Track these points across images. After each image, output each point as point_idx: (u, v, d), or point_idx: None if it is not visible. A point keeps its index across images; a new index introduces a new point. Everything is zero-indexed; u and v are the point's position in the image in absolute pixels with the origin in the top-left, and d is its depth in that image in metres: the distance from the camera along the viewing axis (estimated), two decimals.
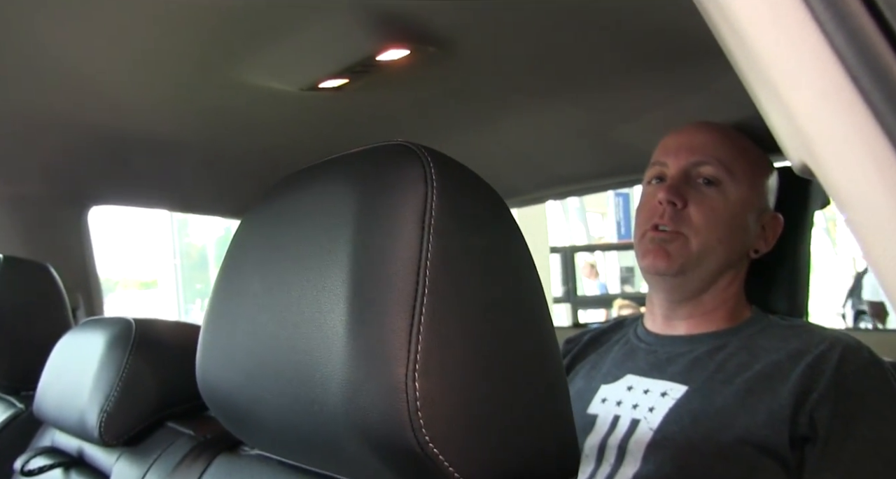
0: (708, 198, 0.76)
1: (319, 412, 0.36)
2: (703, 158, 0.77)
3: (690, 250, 0.75)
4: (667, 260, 0.75)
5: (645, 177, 0.83)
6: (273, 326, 0.40)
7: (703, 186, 0.77)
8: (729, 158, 0.77)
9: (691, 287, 0.78)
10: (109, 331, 0.72)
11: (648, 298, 0.85)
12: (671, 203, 0.75)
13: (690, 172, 0.77)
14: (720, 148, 0.78)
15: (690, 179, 0.77)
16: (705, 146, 0.78)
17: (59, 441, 0.83)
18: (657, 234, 0.76)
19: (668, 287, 0.79)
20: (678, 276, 0.77)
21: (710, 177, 0.76)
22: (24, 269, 1.08)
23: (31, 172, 1.27)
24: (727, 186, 0.76)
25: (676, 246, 0.75)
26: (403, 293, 0.33)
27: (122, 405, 0.68)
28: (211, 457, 0.56)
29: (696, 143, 0.79)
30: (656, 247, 0.76)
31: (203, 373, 0.46)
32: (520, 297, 0.37)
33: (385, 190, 0.36)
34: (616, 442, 0.73)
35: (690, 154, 0.78)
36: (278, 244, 0.42)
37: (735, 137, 0.80)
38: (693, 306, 0.79)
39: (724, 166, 0.76)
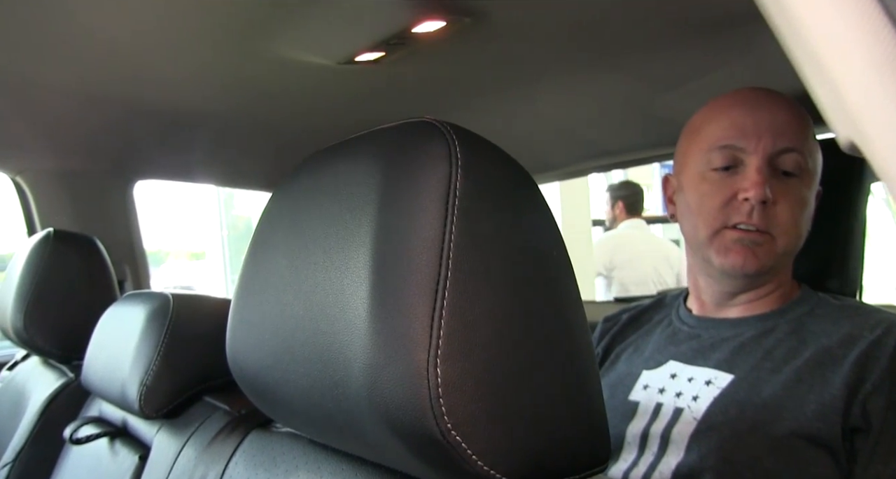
0: (793, 190, 0.69)
1: (343, 395, 0.36)
2: (790, 144, 0.69)
3: (777, 251, 0.70)
4: (756, 262, 0.70)
5: (701, 155, 0.73)
6: (298, 306, 0.39)
7: (784, 176, 0.69)
8: (810, 144, 0.70)
9: (762, 283, 0.74)
10: (149, 306, 0.73)
11: (694, 282, 0.80)
12: (764, 202, 0.68)
13: (774, 161, 0.69)
14: (801, 131, 0.69)
15: (775, 168, 0.69)
16: (790, 129, 0.69)
17: (106, 411, 0.86)
18: (744, 235, 0.70)
19: (741, 285, 0.74)
20: (760, 276, 0.72)
21: (794, 169, 0.69)
22: (72, 242, 1.11)
23: (78, 147, 1.30)
24: (807, 175, 0.70)
25: (765, 248, 0.69)
26: (426, 276, 0.32)
27: (161, 378, 0.69)
28: (245, 432, 0.57)
29: (780, 125, 0.69)
30: (743, 249, 0.70)
31: (233, 352, 0.47)
32: (547, 278, 0.36)
33: (408, 169, 0.35)
34: (659, 431, 0.71)
35: (776, 139, 0.69)
36: (304, 223, 0.41)
37: (804, 113, 0.71)
38: (748, 296, 0.75)
39: (807, 154, 0.69)
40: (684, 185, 0.77)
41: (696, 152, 0.75)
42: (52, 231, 1.09)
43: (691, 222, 0.75)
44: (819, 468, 0.62)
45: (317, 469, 0.47)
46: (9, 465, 0.92)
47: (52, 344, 1.05)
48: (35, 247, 1.06)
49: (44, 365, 1.12)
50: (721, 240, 0.71)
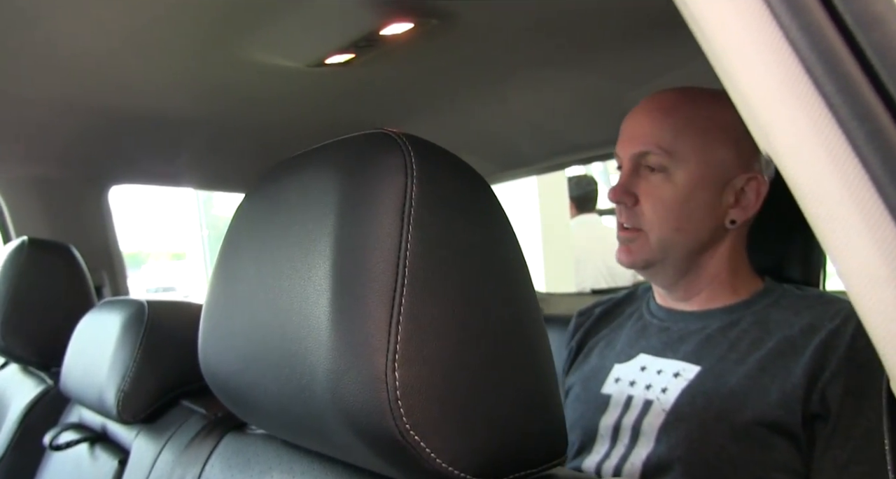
0: (656, 188, 0.73)
1: (309, 399, 0.37)
2: (644, 148, 0.73)
3: (650, 245, 0.75)
4: (629, 257, 0.76)
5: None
6: (266, 313, 0.41)
7: (650, 175, 0.74)
8: (669, 140, 0.73)
9: (669, 274, 0.77)
10: (124, 313, 0.74)
11: None
12: (622, 203, 0.75)
13: (639, 163, 0.75)
14: (660, 130, 0.73)
15: (639, 169, 0.75)
16: (645, 133, 0.74)
17: (85, 417, 0.87)
18: (622, 233, 0.77)
19: (648, 277, 0.80)
20: (648, 269, 0.77)
21: (653, 166, 0.73)
22: (47, 250, 1.11)
23: (53, 155, 1.30)
24: (672, 170, 0.73)
25: (638, 244, 0.75)
26: (383, 285, 0.34)
27: (138, 384, 0.70)
28: (220, 435, 0.59)
29: (638, 131, 0.75)
30: (622, 246, 0.77)
31: (205, 357, 0.48)
32: (501, 281, 0.38)
33: (365, 181, 0.36)
34: (630, 423, 0.73)
35: (633, 144, 0.75)
36: (270, 232, 0.42)
37: (683, 109, 0.74)
38: (684, 289, 0.78)
39: (664, 151, 0.72)
40: None
41: None
42: (27, 240, 1.09)
43: None
44: (781, 455, 0.64)
45: (289, 470, 0.48)
46: None
47: (31, 352, 1.05)
48: (10, 256, 1.06)
49: (23, 372, 1.12)
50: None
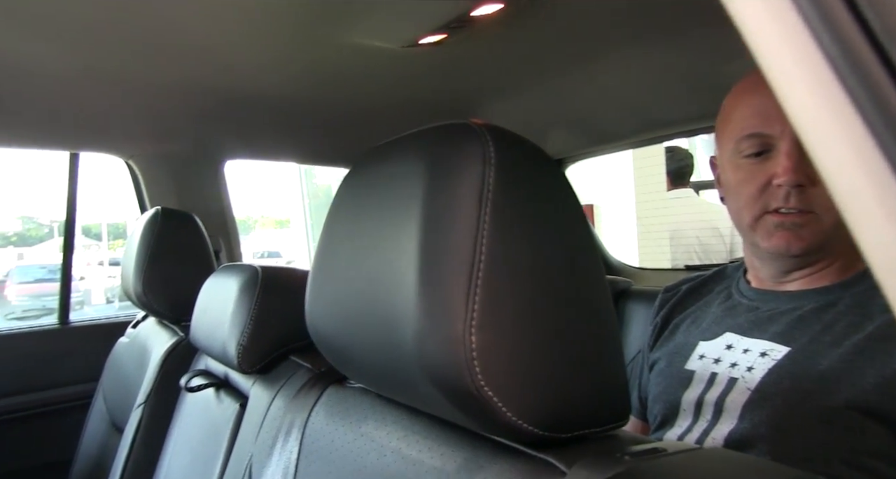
0: None
1: (398, 356, 0.43)
2: None
3: (824, 229, 0.69)
4: (801, 243, 0.70)
5: (733, 144, 0.73)
6: (362, 281, 0.47)
7: None
8: None
9: (820, 258, 0.72)
10: (241, 277, 0.84)
11: (750, 260, 0.80)
12: (799, 185, 0.68)
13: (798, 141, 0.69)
14: None
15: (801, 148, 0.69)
16: None
17: (211, 365, 0.99)
18: (784, 218, 0.70)
19: (793, 264, 0.74)
20: (812, 254, 0.71)
21: None
22: (176, 218, 1.25)
23: (177, 133, 1.44)
24: None
25: (810, 228, 0.69)
26: (463, 260, 0.38)
27: (254, 339, 0.80)
28: (324, 387, 0.66)
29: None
30: (786, 232, 0.70)
31: (310, 318, 0.55)
32: (571, 258, 0.42)
33: (447, 168, 0.41)
34: (713, 398, 0.73)
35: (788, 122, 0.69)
36: (365, 211, 0.48)
37: None
38: (805, 272, 0.74)
39: None
40: (725, 169, 0.77)
41: (727, 140, 0.75)
42: (160, 209, 1.23)
43: (735, 207, 0.76)
44: (874, 440, 0.61)
45: (382, 419, 0.55)
46: (142, 405, 1.08)
47: (165, 307, 1.20)
48: (147, 223, 1.21)
49: (159, 325, 1.27)
50: (764, 225, 0.72)
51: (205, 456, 0.85)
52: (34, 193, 23.27)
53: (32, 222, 18.63)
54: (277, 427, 0.68)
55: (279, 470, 0.63)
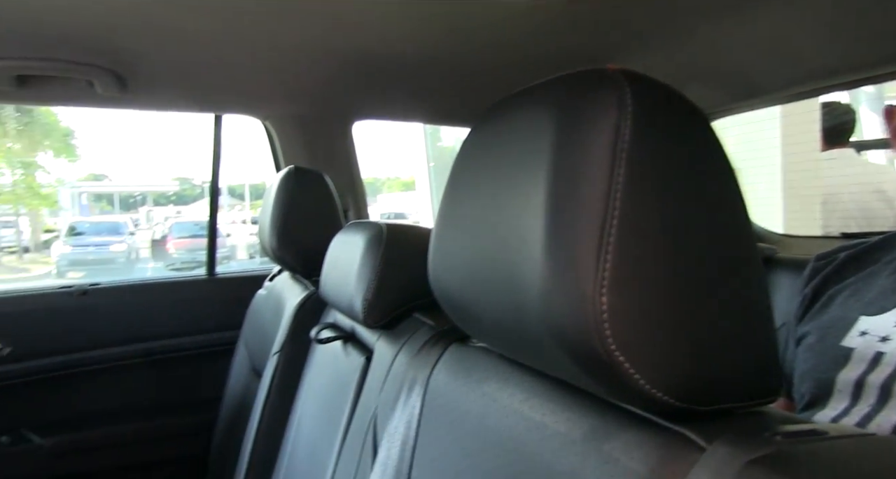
0: None
1: (523, 316, 0.41)
2: None
3: None
4: None
5: None
6: (486, 237, 0.45)
7: None
8: None
9: None
10: (367, 234, 0.85)
11: None
12: None
13: None
14: None
15: None
16: None
17: (339, 319, 1.03)
18: None
19: None
20: None
21: None
22: (308, 177, 1.30)
23: (309, 95, 1.49)
24: None
25: None
26: (594, 215, 0.36)
27: (379, 295, 0.81)
28: (446, 345, 0.66)
29: None
30: None
31: (434, 275, 0.54)
32: (717, 217, 0.37)
33: (578, 118, 0.38)
34: (879, 381, 0.66)
35: None
36: (491, 163, 0.46)
37: None
38: None
39: None
40: None
41: None
42: (293, 168, 1.29)
43: None
44: None
45: (504, 380, 0.54)
46: (277, 353, 1.16)
47: (297, 262, 1.26)
48: (281, 182, 1.27)
49: (292, 279, 1.35)
50: None
51: (333, 404, 0.89)
52: (189, 157, 25.50)
53: (188, 183, 20.50)
54: (401, 382, 0.69)
55: (402, 423, 0.64)
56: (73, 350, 1.59)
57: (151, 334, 1.68)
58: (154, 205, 19.00)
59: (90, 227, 12.53)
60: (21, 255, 13.09)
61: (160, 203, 19.36)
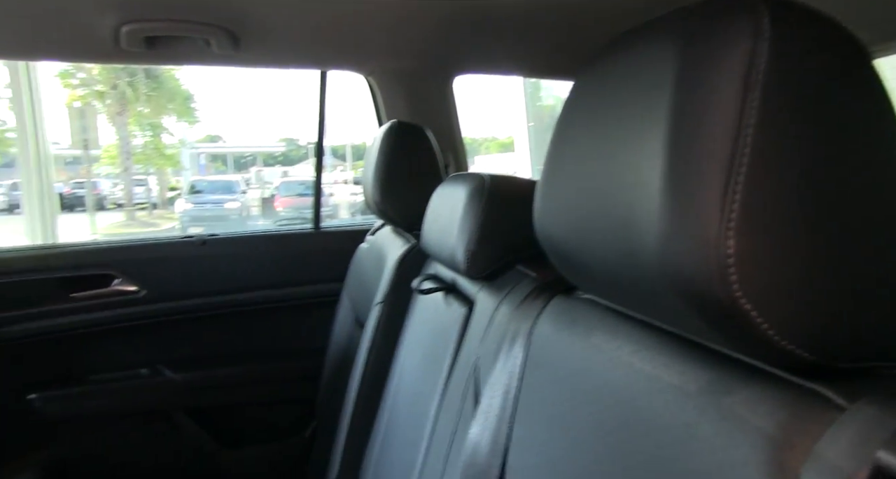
0: None
1: (636, 264, 0.39)
2: None
3: None
4: None
5: None
6: (597, 181, 0.43)
7: None
8: None
9: None
10: (469, 185, 0.85)
11: None
12: None
13: None
14: None
15: None
16: None
17: (440, 270, 1.04)
18: None
19: None
20: None
21: None
22: (410, 132, 1.31)
23: (410, 48, 1.48)
24: None
25: None
26: (721, 152, 0.33)
27: (481, 246, 0.81)
28: (549, 297, 0.65)
29: None
30: None
31: (540, 223, 0.53)
32: (867, 167, 0.33)
33: (705, 48, 0.34)
34: None
35: None
36: (604, 104, 0.44)
37: None
38: None
39: None
40: None
41: None
42: (396, 122, 1.30)
43: None
44: None
45: (612, 332, 0.52)
46: (380, 304, 1.20)
47: (398, 215, 1.28)
48: (384, 136, 1.28)
49: (394, 232, 1.37)
50: None
51: (434, 355, 0.90)
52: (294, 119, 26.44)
53: (293, 144, 21.38)
54: (503, 333, 0.69)
55: (504, 375, 0.64)
56: (195, 295, 1.72)
57: (263, 283, 1.78)
58: (263, 165, 20.04)
59: (208, 185, 13.45)
60: (150, 210, 14.29)
61: (269, 163, 20.39)
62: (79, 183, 13.26)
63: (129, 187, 13.47)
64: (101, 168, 14.06)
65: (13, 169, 7.53)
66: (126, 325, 1.65)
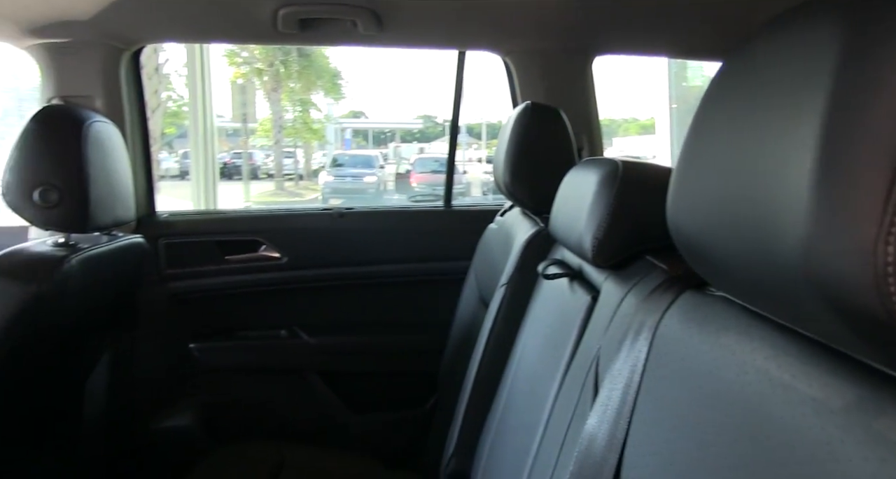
0: None
1: (775, 264, 0.36)
2: None
3: None
4: None
5: None
6: (737, 174, 0.40)
7: None
8: None
9: None
10: (601, 170, 0.82)
11: None
12: None
13: None
14: None
15: None
16: None
17: (566, 256, 1.02)
18: None
19: None
20: None
21: None
22: (544, 114, 1.29)
23: (550, 28, 1.46)
24: None
25: None
26: (885, 152, 0.29)
27: (610, 234, 0.79)
28: (680, 291, 0.62)
29: None
30: None
31: (672, 215, 0.51)
32: None
33: (878, 29, 0.31)
34: None
35: None
36: (751, 92, 0.41)
37: None
38: None
39: None
40: None
41: None
42: (530, 104, 1.29)
43: None
44: None
45: (746, 333, 0.49)
46: (505, 285, 1.21)
47: (528, 198, 1.28)
48: (517, 117, 1.27)
49: (522, 215, 1.37)
50: None
51: (556, 340, 0.90)
52: (432, 97, 26.97)
53: (431, 121, 21.87)
54: (627, 325, 0.67)
55: (626, 367, 0.63)
56: (331, 265, 1.83)
57: (394, 257, 1.85)
58: (401, 141, 20.71)
59: (349, 159, 14.17)
60: (297, 181, 15.33)
61: (406, 140, 21.03)
62: (237, 154, 14.52)
63: (280, 159, 14.53)
64: (256, 140, 15.27)
65: (186, 140, 8.44)
66: (269, 288, 1.80)
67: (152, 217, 1.74)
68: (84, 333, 1.30)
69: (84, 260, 1.11)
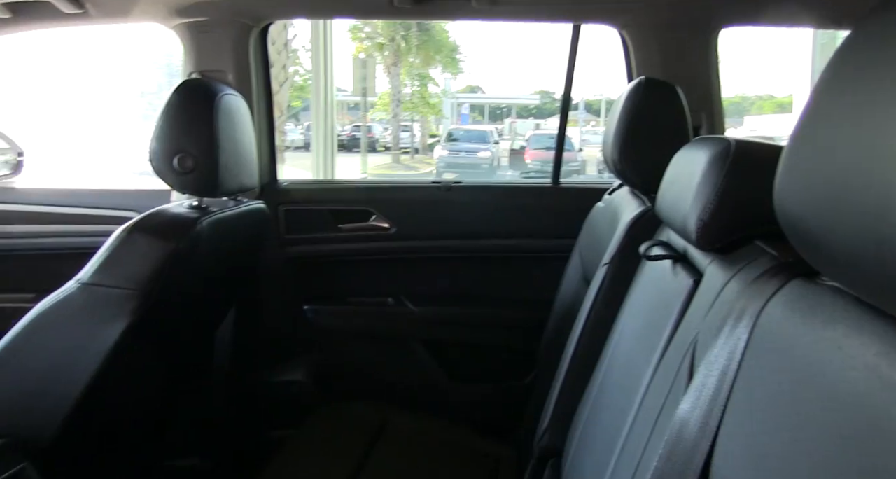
0: None
1: (892, 252, 0.34)
2: None
3: None
4: None
5: None
6: (854, 154, 0.38)
7: None
8: None
9: None
10: (711, 150, 0.78)
11: None
12: None
13: None
14: None
15: None
16: None
17: (672, 238, 0.99)
18: None
19: None
20: None
21: None
22: (659, 89, 1.24)
23: (668, 1, 1.38)
24: None
25: None
26: None
27: (716, 216, 0.75)
28: (787, 278, 0.59)
29: None
30: None
31: (779, 198, 0.48)
32: None
33: None
34: None
35: None
36: (876, 66, 0.38)
37: None
38: None
39: None
40: None
41: None
42: (644, 79, 1.24)
43: None
44: None
45: (857, 326, 0.46)
46: (607, 265, 1.19)
47: (636, 176, 1.24)
48: (630, 92, 1.23)
49: (630, 194, 1.33)
50: None
51: (655, 322, 0.88)
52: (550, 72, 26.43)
53: (548, 97, 21.49)
54: (728, 310, 0.64)
55: (724, 354, 0.61)
56: (437, 237, 1.87)
57: (499, 232, 1.87)
58: (517, 117, 20.52)
59: (463, 134, 14.26)
60: (412, 155, 15.68)
61: (522, 116, 20.80)
62: (356, 127, 15.05)
63: (397, 133, 14.90)
64: (374, 114, 15.74)
65: (310, 113, 8.92)
66: (379, 257, 1.88)
67: (274, 185, 1.86)
68: (214, 289, 1.43)
69: (214, 222, 1.22)
